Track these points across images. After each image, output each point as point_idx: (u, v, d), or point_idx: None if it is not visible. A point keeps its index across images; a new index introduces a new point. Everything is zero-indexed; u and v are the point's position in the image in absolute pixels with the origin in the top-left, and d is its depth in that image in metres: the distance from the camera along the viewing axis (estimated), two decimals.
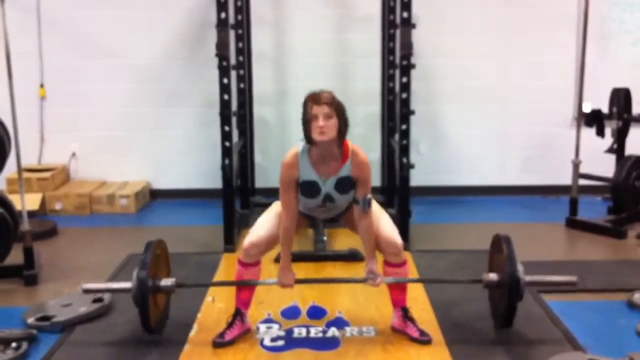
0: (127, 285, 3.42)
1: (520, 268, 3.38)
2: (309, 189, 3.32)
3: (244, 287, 3.59)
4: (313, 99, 3.17)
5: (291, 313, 3.89)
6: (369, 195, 3.34)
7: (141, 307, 3.35)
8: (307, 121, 3.17)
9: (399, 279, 3.54)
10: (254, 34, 6.34)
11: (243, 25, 6.06)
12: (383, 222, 3.50)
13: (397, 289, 3.59)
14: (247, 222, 5.70)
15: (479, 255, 4.85)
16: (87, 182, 6.70)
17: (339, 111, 3.19)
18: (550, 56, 6.60)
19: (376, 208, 3.52)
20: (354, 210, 3.40)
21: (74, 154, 6.78)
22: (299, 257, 4.70)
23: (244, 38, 6.10)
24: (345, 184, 3.31)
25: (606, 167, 5.82)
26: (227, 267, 4.75)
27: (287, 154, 3.32)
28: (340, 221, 3.62)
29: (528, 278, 3.41)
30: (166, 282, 3.50)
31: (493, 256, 3.66)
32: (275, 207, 3.52)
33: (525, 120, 6.73)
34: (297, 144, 3.33)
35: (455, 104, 6.70)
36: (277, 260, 4.24)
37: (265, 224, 3.51)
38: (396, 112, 5.48)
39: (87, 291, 3.62)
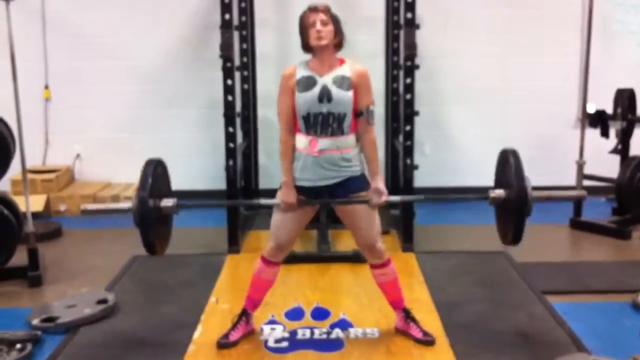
0: (127, 205, 3.34)
1: (528, 183, 3.30)
2: (305, 82, 3.28)
3: (260, 287, 3.57)
4: (310, 8, 3.26)
5: (295, 314, 3.90)
6: (372, 107, 3.31)
7: (142, 228, 3.28)
8: (305, 29, 3.25)
9: (406, 197, 3.49)
10: (258, 35, 6.35)
11: (247, 27, 6.07)
12: (363, 222, 3.40)
13: (390, 288, 3.57)
14: (252, 224, 5.71)
15: (484, 257, 4.88)
16: (91, 183, 6.71)
17: (335, 20, 3.29)
18: (554, 57, 6.60)
19: (368, 211, 3.41)
20: (358, 124, 3.32)
21: (78, 155, 6.79)
22: (303, 259, 4.72)
23: (248, 39, 6.11)
24: (343, 82, 3.26)
25: (610, 168, 5.81)
26: (231, 269, 4.75)
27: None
28: (339, 216, 3.52)
29: (535, 193, 3.32)
30: (167, 202, 3.42)
31: (499, 171, 3.54)
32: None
33: (530, 121, 6.72)
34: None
35: (460, 105, 6.70)
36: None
37: (286, 223, 3.42)
38: (400, 113, 5.47)
39: (85, 212, 3.52)
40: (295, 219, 3.39)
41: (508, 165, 3.38)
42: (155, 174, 3.39)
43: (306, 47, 3.31)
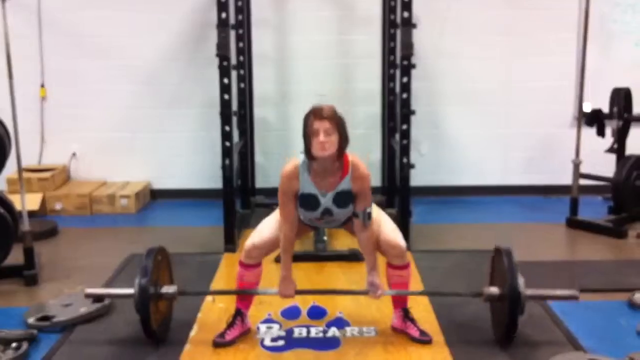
0: (129, 291, 3.42)
1: (521, 282, 3.35)
2: (308, 202, 3.32)
3: (245, 289, 3.59)
4: (314, 113, 3.16)
5: (291, 313, 3.89)
6: (369, 209, 3.32)
7: (143, 315, 3.35)
8: (308, 136, 3.16)
9: (399, 291, 3.56)
10: (255, 34, 6.34)
11: (244, 26, 6.06)
12: (384, 225, 3.50)
13: (400, 289, 3.59)
14: (248, 223, 5.70)
15: (481, 256, 4.84)
16: (87, 182, 6.69)
17: (339, 126, 3.18)
18: (551, 57, 6.60)
19: (376, 211, 3.49)
20: (354, 223, 3.39)
21: (74, 154, 6.78)
22: (299, 257, 4.70)
23: (245, 38, 6.10)
24: (344, 198, 3.30)
25: (607, 167, 5.81)
26: (227, 268, 4.75)
27: (286, 166, 3.30)
28: (344, 229, 3.62)
29: (529, 292, 3.38)
30: (168, 289, 3.51)
31: (494, 267, 3.61)
32: (279, 212, 3.51)
33: (526, 121, 6.73)
34: (296, 156, 3.32)
35: (456, 105, 6.70)
36: (277, 260, 4.23)
37: (268, 226, 3.52)
38: (397, 113, 5.48)
39: (88, 296, 3.62)
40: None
41: (502, 263, 3.44)
42: (156, 261, 3.47)
43: (309, 152, 3.20)
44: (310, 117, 3.16)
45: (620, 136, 5.80)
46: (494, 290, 3.47)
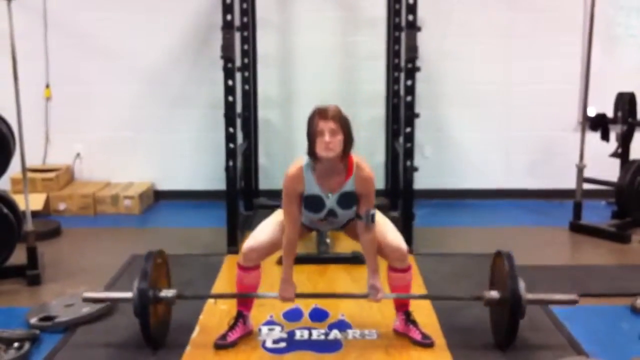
0: (127, 295, 3.41)
1: (522, 286, 3.34)
2: (313, 203, 3.30)
3: (245, 292, 3.59)
4: (319, 113, 3.13)
5: (293, 315, 3.89)
6: (373, 210, 3.31)
7: (142, 319, 3.34)
8: (313, 136, 3.14)
9: (400, 294, 3.56)
10: (260, 36, 6.35)
11: (248, 28, 6.07)
12: (386, 228, 3.49)
13: (402, 292, 3.60)
14: (251, 224, 5.70)
15: (483, 259, 4.83)
16: (91, 182, 6.71)
17: (344, 127, 3.15)
18: (555, 60, 6.59)
19: (378, 215, 3.47)
20: (357, 225, 3.38)
21: (78, 155, 6.79)
22: (302, 260, 4.69)
23: (249, 40, 6.11)
24: (348, 199, 3.29)
25: (611, 171, 5.80)
26: (230, 269, 4.74)
27: (291, 166, 3.28)
28: (344, 232, 3.62)
29: (530, 296, 3.38)
30: (167, 293, 3.49)
31: (494, 271, 3.61)
32: (279, 215, 3.50)
33: (530, 124, 6.72)
34: (301, 156, 3.29)
35: (460, 108, 6.70)
36: (280, 262, 4.23)
37: (266, 228, 3.51)
38: (401, 115, 5.48)
39: (87, 300, 3.60)
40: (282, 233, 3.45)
41: (502, 267, 3.44)
42: (155, 264, 3.45)
43: (313, 153, 3.18)
44: (315, 118, 3.14)
45: (625, 140, 5.79)
46: (494, 294, 3.47)
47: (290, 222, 3.34)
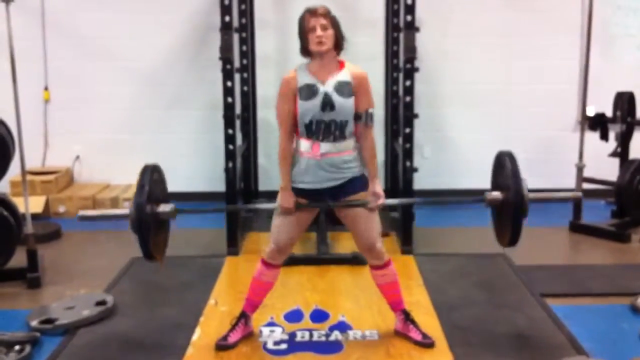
0: (124, 211, 3.35)
1: (524, 185, 3.30)
2: (307, 91, 3.26)
3: (259, 290, 3.57)
4: (310, 12, 3.22)
5: (294, 316, 3.89)
6: (371, 110, 3.31)
7: (140, 234, 3.26)
8: (304, 33, 3.23)
9: (403, 200, 3.51)
10: (258, 37, 6.36)
11: (247, 29, 6.07)
12: (366, 227, 3.41)
13: (389, 289, 3.58)
14: (251, 225, 5.71)
15: (483, 259, 4.87)
16: (90, 184, 6.71)
17: (335, 23, 3.25)
18: (554, 60, 6.60)
19: (367, 214, 3.40)
20: (357, 129, 3.32)
21: (77, 157, 6.79)
22: (302, 261, 4.72)
23: (248, 41, 6.11)
24: (344, 88, 3.25)
25: (610, 170, 5.81)
26: (230, 270, 4.75)
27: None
28: (342, 219, 3.53)
29: (532, 195, 3.34)
30: (164, 207, 3.42)
31: (496, 174, 3.54)
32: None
33: (529, 124, 6.73)
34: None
35: (460, 108, 6.70)
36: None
37: (287, 227, 3.42)
38: (400, 116, 5.47)
39: (83, 217, 3.51)
40: (296, 222, 3.40)
41: (504, 167, 3.38)
42: (152, 179, 3.38)
43: (306, 51, 3.28)
44: (306, 16, 3.23)
45: (624, 140, 5.80)
46: (497, 194, 3.42)
47: (282, 122, 3.34)
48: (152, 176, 3.39)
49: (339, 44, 3.28)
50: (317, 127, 3.26)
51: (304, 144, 3.30)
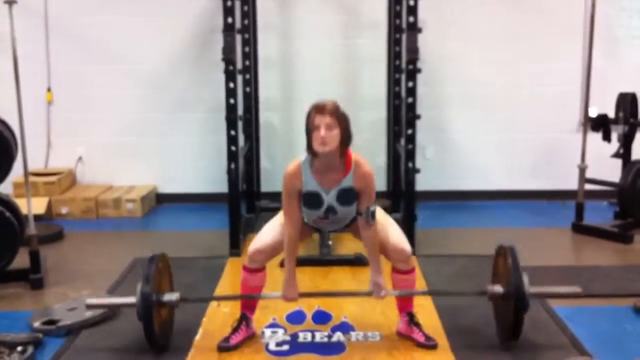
0: (131, 300, 3.41)
1: (525, 279, 3.34)
2: (311, 200, 3.29)
3: (250, 293, 3.58)
4: (316, 108, 3.14)
5: (296, 317, 3.89)
6: (373, 207, 3.28)
7: (145, 323, 3.34)
8: (310, 131, 3.15)
9: (403, 291, 3.54)
10: (261, 39, 6.36)
11: (249, 30, 6.07)
12: (390, 229, 3.48)
13: (404, 296, 3.59)
14: (253, 227, 5.70)
15: (486, 261, 4.82)
16: (93, 186, 6.71)
17: (341, 122, 3.15)
18: (556, 61, 6.59)
19: (382, 216, 3.48)
20: (358, 222, 3.37)
21: (80, 158, 6.80)
22: (304, 262, 4.71)
23: (251, 43, 6.11)
24: (348, 196, 3.27)
25: (612, 171, 5.80)
26: (232, 272, 4.75)
27: (289, 165, 3.29)
28: (348, 231, 3.60)
29: (533, 289, 3.38)
30: (170, 296, 3.49)
31: (497, 266, 3.61)
32: (282, 216, 3.50)
33: (532, 125, 6.72)
34: (300, 156, 3.30)
35: (462, 109, 6.70)
36: (282, 265, 4.23)
37: (271, 230, 3.51)
38: (402, 117, 5.48)
39: (90, 306, 3.60)
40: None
41: (505, 261, 3.43)
42: (158, 269, 3.44)
43: (310, 149, 3.19)
44: (312, 113, 3.15)
45: (626, 141, 5.79)
46: (498, 288, 3.46)
47: (290, 220, 3.33)
48: (157, 265, 3.45)
49: (344, 143, 3.19)
50: (319, 224, 3.48)
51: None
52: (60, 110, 6.67)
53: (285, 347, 3.54)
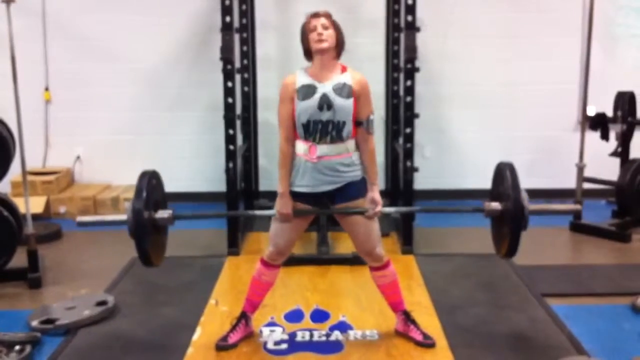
0: (122, 217, 3.32)
1: (524, 196, 3.29)
2: (304, 90, 3.25)
3: (259, 289, 3.57)
4: (311, 15, 3.26)
5: (294, 316, 3.90)
6: (372, 116, 3.30)
7: (138, 240, 3.26)
8: (306, 35, 3.24)
9: (400, 208, 3.48)
10: (259, 38, 6.36)
11: (248, 29, 6.06)
12: (365, 230, 3.41)
13: (389, 290, 3.58)
14: (251, 226, 5.71)
15: (484, 259, 4.87)
16: (91, 185, 6.71)
17: (336, 26, 3.28)
18: (555, 60, 6.60)
19: (366, 221, 3.39)
20: (357, 137, 3.30)
21: (78, 157, 6.79)
22: (302, 261, 4.72)
23: (249, 42, 6.10)
24: (344, 89, 3.24)
25: (611, 170, 5.80)
26: (231, 271, 4.75)
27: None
28: (340, 223, 3.55)
29: (532, 206, 3.32)
30: (162, 213, 3.40)
31: (496, 185, 3.50)
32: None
33: (530, 124, 6.73)
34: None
35: (460, 108, 6.70)
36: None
37: (285, 231, 3.43)
38: (400, 116, 5.47)
39: (81, 223, 3.51)
40: (293, 226, 3.40)
41: (504, 178, 3.36)
42: (150, 185, 3.36)
43: (307, 53, 3.28)
44: (307, 18, 3.27)
45: (624, 140, 5.79)
46: (496, 205, 3.39)
47: (283, 125, 3.32)
48: (150, 182, 3.37)
49: (339, 45, 3.28)
50: (314, 127, 3.24)
51: (301, 147, 3.29)
52: (58, 109, 6.66)
53: (284, 346, 3.54)
